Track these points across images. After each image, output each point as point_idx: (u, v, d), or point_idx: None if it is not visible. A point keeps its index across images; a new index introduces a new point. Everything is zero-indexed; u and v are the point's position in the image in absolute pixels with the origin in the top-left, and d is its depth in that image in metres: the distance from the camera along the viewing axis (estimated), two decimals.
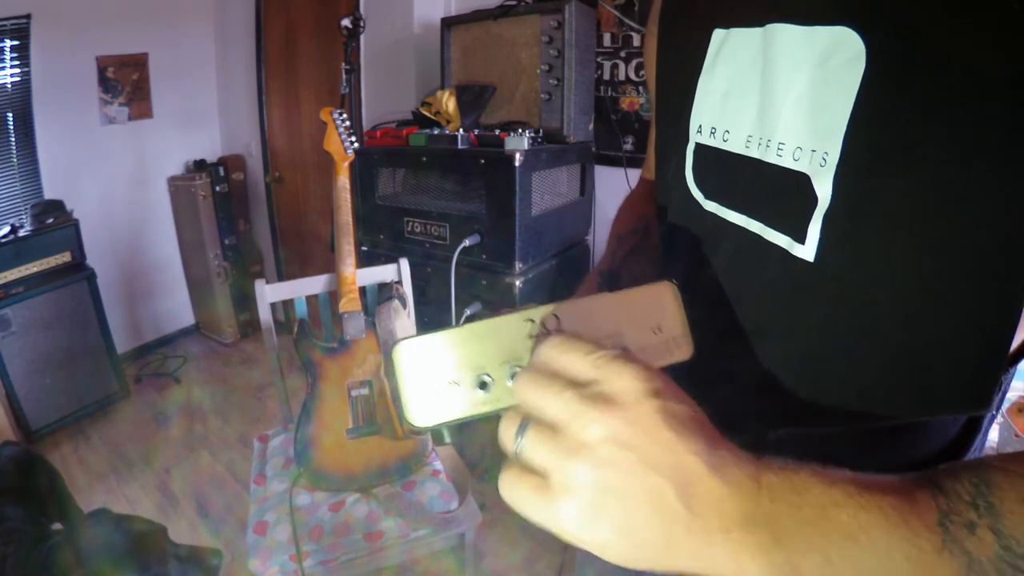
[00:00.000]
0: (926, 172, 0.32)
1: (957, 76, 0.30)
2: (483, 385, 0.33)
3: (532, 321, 0.34)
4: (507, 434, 0.29)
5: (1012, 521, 0.24)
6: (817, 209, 0.37)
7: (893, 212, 0.34)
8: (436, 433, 0.36)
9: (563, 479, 0.26)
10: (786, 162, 0.39)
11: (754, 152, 0.42)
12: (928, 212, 0.33)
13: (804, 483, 0.26)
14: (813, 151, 0.37)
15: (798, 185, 0.38)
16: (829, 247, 0.37)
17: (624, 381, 0.27)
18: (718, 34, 0.45)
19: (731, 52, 0.44)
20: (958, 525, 0.25)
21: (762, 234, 0.42)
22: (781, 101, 0.39)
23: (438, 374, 0.34)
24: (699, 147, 0.49)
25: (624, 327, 0.35)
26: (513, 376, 0.33)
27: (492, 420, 0.36)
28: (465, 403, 0.33)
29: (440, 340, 0.34)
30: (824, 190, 0.37)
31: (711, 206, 0.48)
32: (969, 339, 0.34)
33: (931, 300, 0.34)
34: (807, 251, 0.38)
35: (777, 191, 0.40)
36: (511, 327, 0.34)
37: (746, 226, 0.44)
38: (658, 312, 0.36)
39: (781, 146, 0.39)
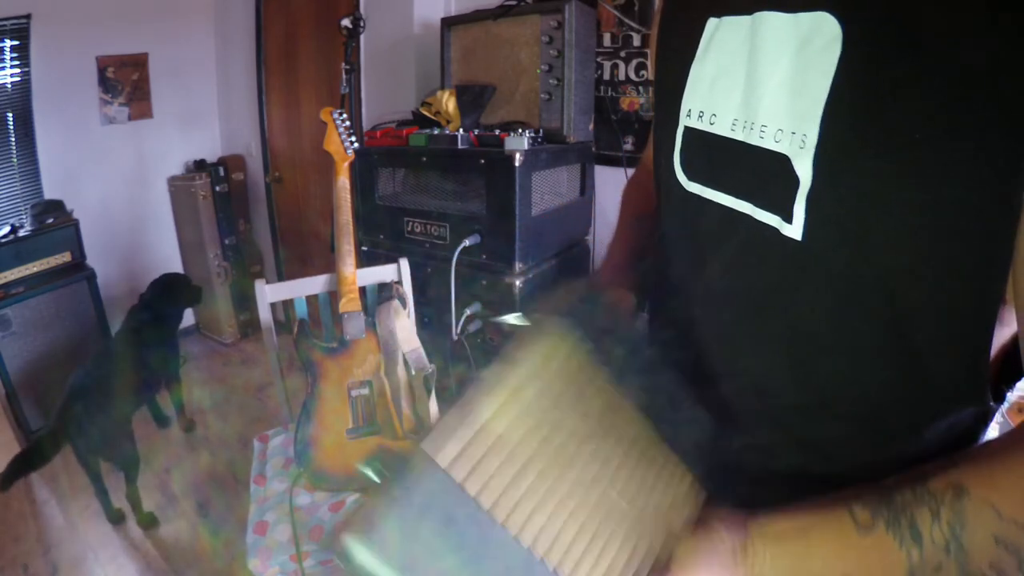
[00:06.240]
0: (902, 152, 0.33)
1: (931, 58, 0.31)
2: None
3: None
4: None
5: (977, 555, 0.30)
6: (800, 189, 0.38)
7: (871, 192, 0.34)
8: None
9: None
10: (768, 144, 0.40)
11: (739, 135, 0.43)
12: (904, 192, 0.33)
13: (785, 551, 0.37)
14: (793, 133, 0.38)
15: (781, 166, 0.39)
16: (815, 227, 0.38)
17: None
18: (711, 23, 0.47)
19: (722, 39, 0.46)
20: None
21: (752, 214, 0.43)
22: (764, 85, 0.40)
23: None
24: (687, 130, 0.50)
25: None
26: None
27: None
28: None
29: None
30: (804, 171, 0.38)
31: (694, 187, 0.49)
32: (953, 318, 0.34)
33: (913, 280, 0.34)
34: (795, 231, 0.39)
35: (762, 172, 0.41)
36: None
37: (733, 206, 0.45)
38: None
39: (764, 128, 0.41)
